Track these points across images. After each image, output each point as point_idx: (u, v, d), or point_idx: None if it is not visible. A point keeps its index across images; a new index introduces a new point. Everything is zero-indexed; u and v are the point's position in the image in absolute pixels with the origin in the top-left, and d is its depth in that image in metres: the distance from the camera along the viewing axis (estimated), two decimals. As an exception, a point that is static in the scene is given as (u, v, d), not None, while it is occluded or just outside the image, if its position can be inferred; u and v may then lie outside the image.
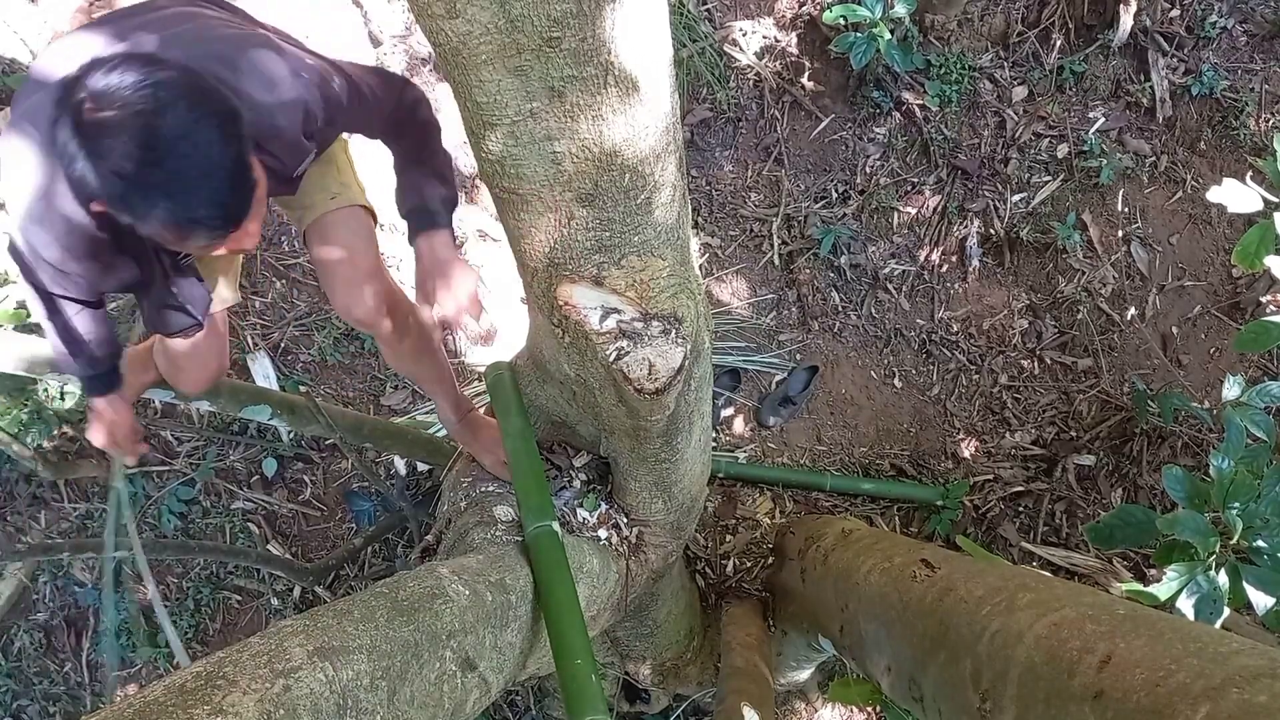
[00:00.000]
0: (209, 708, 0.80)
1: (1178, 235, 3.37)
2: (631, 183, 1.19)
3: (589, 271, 1.29)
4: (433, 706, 1.12)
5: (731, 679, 2.22)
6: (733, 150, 3.47)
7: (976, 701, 1.17)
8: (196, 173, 1.14)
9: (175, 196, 1.14)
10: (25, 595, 3.34)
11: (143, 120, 1.10)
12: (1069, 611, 1.12)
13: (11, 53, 3.22)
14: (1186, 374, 3.27)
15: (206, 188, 1.15)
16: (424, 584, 1.24)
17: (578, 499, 1.87)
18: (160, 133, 1.10)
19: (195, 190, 1.14)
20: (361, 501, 3.25)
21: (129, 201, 1.14)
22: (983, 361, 3.38)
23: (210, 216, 1.18)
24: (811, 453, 3.32)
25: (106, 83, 1.10)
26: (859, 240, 3.39)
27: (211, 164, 1.15)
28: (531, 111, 1.08)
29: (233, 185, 1.18)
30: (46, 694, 3.30)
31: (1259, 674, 0.84)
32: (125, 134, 1.10)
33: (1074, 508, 3.17)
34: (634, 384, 1.32)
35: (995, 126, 3.41)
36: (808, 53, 3.42)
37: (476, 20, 0.98)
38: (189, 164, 1.13)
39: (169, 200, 1.14)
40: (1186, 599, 1.69)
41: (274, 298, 3.30)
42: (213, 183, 1.15)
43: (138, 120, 1.09)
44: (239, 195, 1.20)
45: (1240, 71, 3.33)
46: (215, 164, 1.15)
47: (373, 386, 3.31)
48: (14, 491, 3.28)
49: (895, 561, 1.70)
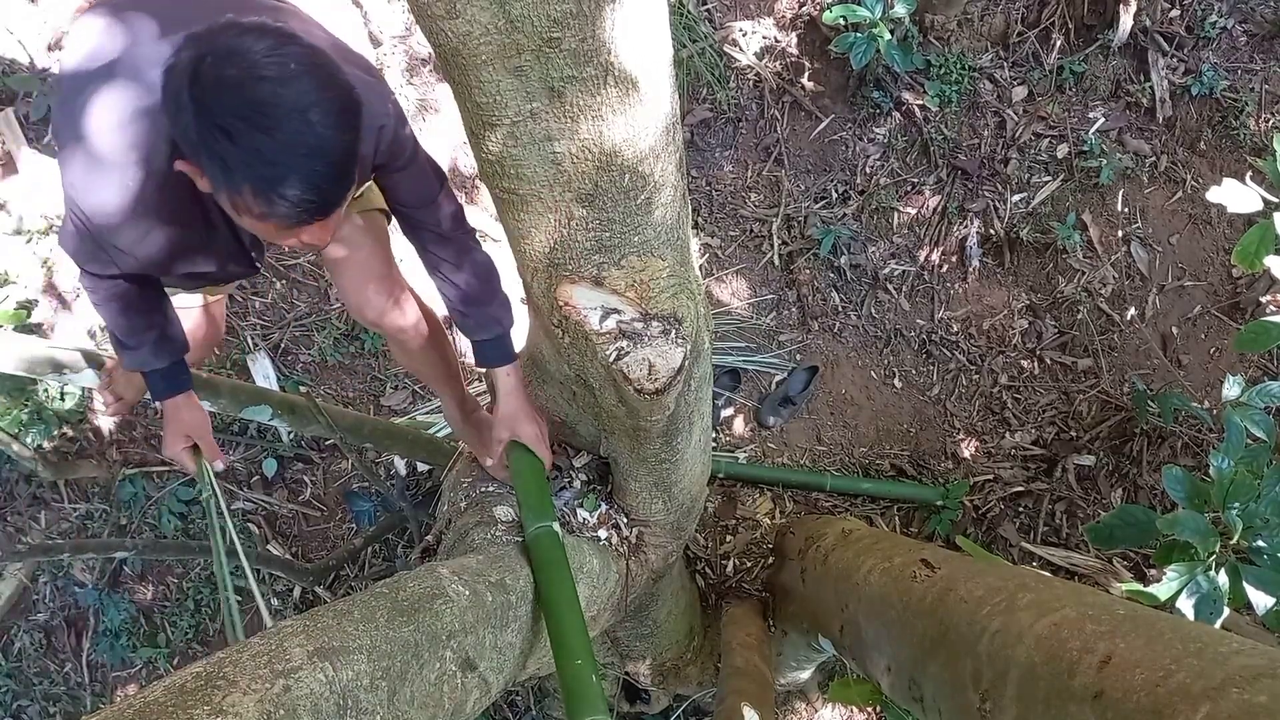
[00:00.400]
0: (209, 708, 0.80)
1: (1178, 235, 3.37)
2: (631, 183, 1.19)
3: (589, 272, 1.29)
4: (433, 707, 1.12)
5: (731, 679, 2.22)
6: (733, 150, 3.47)
7: (976, 701, 1.17)
8: (305, 150, 1.08)
9: (276, 168, 1.08)
10: (25, 595, 3.34)
11: (266, 86, 1.05)
12: (1069, 611, 1.12)
13: (11, 53, 3.22)
14: (1186, 374, 3.27)
15: (309, 168, 1.10)
16: (424, 584, 1.24)
17: (578, 499, 1.87)
18: (280, 101, 1.05)
19: (298, 168, 1.09)
20: (361, 502, 3.25)
21: (226, 163, 1.08)
22: (983, 361, 3.38)
23: (304, 199, 1.12)
24: (811, 453, 3.32)
25: (236, 44, 1.06)
26: (859, 240, 3.39)
27: (324, 147, 1.09)
28: (531, 112, 1.08)
29: (337, 174, 1.13)
30: (46, 694, 3.30)
31: (1259, 674, 0.84)
32: (243, 95, 1.05)
33: (1074, 508, 3.17)
34: (634, 384, 1.32)
35: (995, 126, 3.41)
36: (808, 53, 3.42)
37: (476, 21, 0.98)
38: (300, 140, 1.07)
39: (269, 169, 1.08)
40: (1186, 599, 1.69)
41: (274, 298, 3.30)
42: (317, 165, 1.10)
43: (260, 85, 1.05)
44: (339, 186, 1.15)
45: (1240, 71, 3.33)
46: (327, 148, 1.10)
47: (373, 386, 3.31)
48: (14, 491, 3.28)
49: (895, 561, 1.70)
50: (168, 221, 1.34)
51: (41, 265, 3.21)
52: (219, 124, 1.06)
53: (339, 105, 1.10)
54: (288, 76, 1.06)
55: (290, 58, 1.07)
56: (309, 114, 1.07)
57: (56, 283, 3.22)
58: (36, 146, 3.24)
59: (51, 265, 3.22)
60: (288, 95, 1.06)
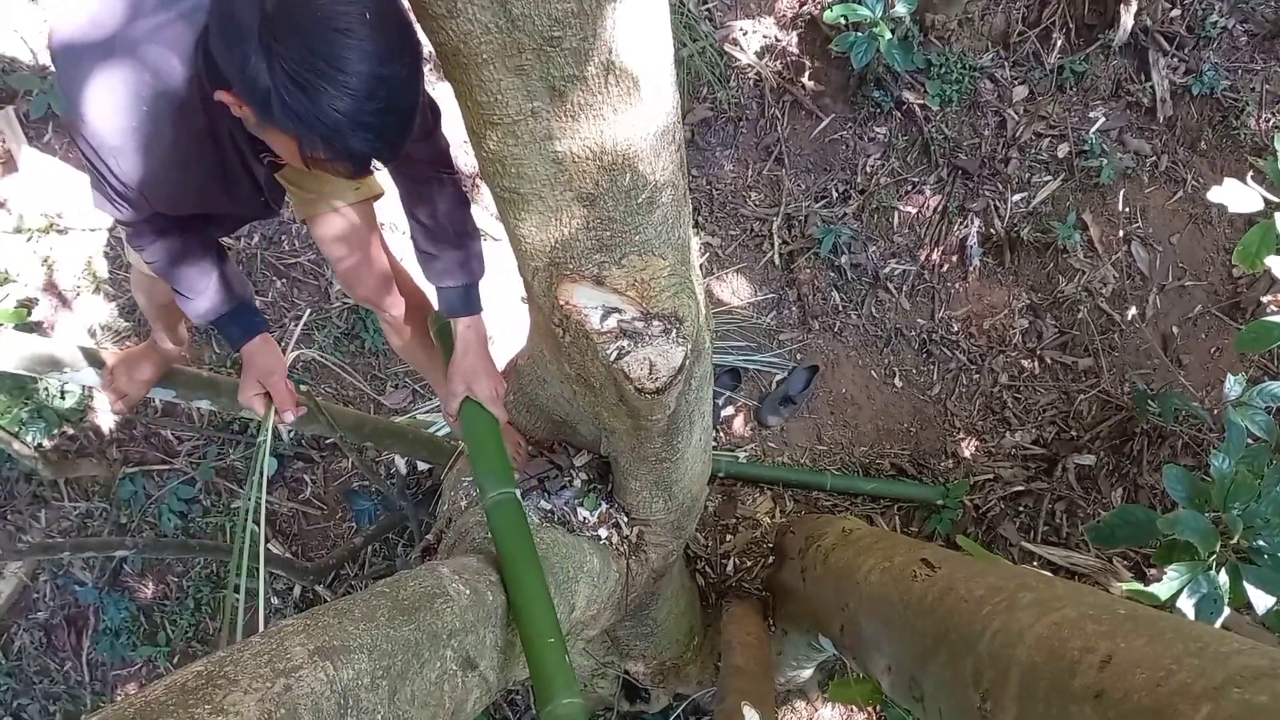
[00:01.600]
0: (210, 707, 0.80)
1: (1178, 235, 3.37)
2: (632, 182, 1.19)
3: (590, 271, 1.29)
4: (433, 706, 1.12)
5: (732, 678, 2.22)
6: (733, 150, 3.47)
7: (977, 701, 1.17)
8: (379, 106, 1.08)
9: (351, 122, 1.07)
10: (25, 594, 3.34)
11: (340, 39, 1.03)
12: (1070, 611, 1.12)
13: (12, 51, 3.22)
14: (1187, 374, 3.27)
15: (382, 124, 1.10)
16: (425, 583, 1.24)
17: (578, 498, 1.87)
18: (356, 55, 1.04)
19: (371, 125, 1.09)
20: (362, 501, 3.25)
21: (300, 116, 1.07)
22: (983, 361, 3.38)
23: (373, 150, 1.12)
24: (811, 452, 3.32)
25: None
26: (859, 240, 3.39)
27: (396, 103, 1.09)
28: (532, 111, 1.08)
29: (406, 126, 1.14)
30: (46, 693, 3.30)
31: (1260, 674, 0.84)
32: (317, 45, 1.03)
33: (1074, 507, 3.17)
34: (635, 383, 1.32)
35: (996, 126, 3.40)
36: (808, 52, 3.42)
37: (477, 20, 0.98)
38: (375, 94, 1.07)
39: (344, 124, 1.07)
40: (1187, 599, 1.69)
41: (274, 297, 3.30)
42: (389, 120, 1.10)
43: (334, 37, 1.03)
44: (406, 137, 1.15)
45: (1241, 71, 3.33)
46: (399, 104, 1.10)
47: (373, 386, 3.31)
48: (14, 490, 3.28)
49: (895, 561, 1.70)
50: (181, 154, 1.31)
51: (42, 263, 3.21)
52: (293, 76, 1.04)
53: (410, 58, 1.10)
54: (361, 27, 1.04)
55: (362, 4, 1.04)
56: (382, 69, 1.06)
57: (57, 281, 3.22)
58: (37, 145, 3.24)
59: (52, 263, 3.22)
60: (363, 49, 1.05)
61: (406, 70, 1.10)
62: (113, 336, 3.23)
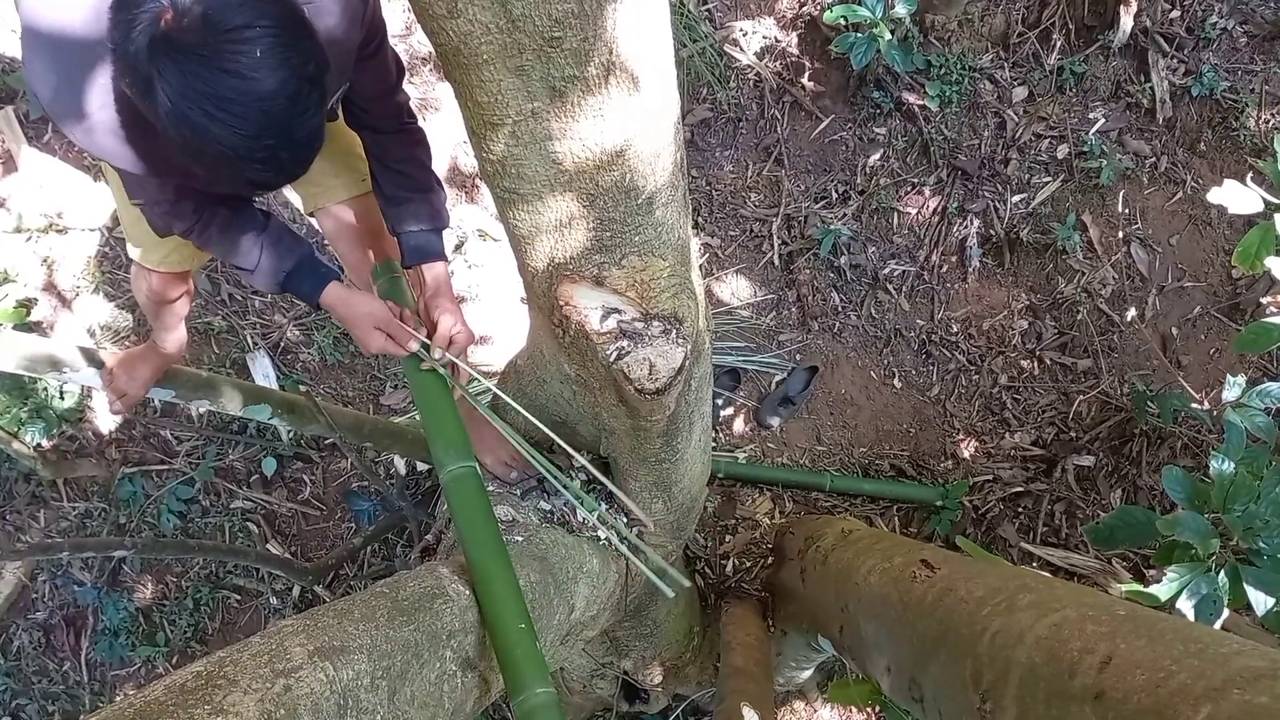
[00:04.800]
0: (210, 707, 0.80)
1: (1178, 236, 3.37)
2: (632, 183, 1.19)
3: (589, 271, 1.29)
4: (433, 706, 1.12)
5: (731, 679, 2.22)
6: (733, 150, 3.47)
7: (977, 702, 1.17)
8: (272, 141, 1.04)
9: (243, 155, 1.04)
10: (24, 594, 3.33)
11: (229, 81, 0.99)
12: (1069, 612, 1.12)
13: (12, 52, 3.21)
14: (1186, 375, 3.27)
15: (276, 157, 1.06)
16: (424, 584, 1.24)
17: (578, 498, 1.87)
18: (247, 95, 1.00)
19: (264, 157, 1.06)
20: (361, 501, 3.25)
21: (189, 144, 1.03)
22: (982, 362, 3.38)
23: (268, 180, 1.10)
24: (811, 453, 3.32)
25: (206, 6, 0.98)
26: (859, 240, 3.39)
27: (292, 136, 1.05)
28: (533, 111, 1.08)
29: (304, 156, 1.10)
30: (45, 693, 3.29)
31: (1260, 675, 0.84)
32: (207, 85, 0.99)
33: (1074, 508, 3.17)
34: (634, 384, 1.32)
35: (995, 127, 3.41)
36: (808, 53, 3.42)
37: (477, 20, 0.98)
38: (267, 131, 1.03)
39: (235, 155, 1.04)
40: (1187, 600, 1.69)
41: (274, 296, 3.29)
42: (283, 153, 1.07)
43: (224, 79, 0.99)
44: (305, 163, 1.12)
45: (1240, 72, 3.33)
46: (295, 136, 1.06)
47: (372, 386, 3.30)
48: (13, 490, 3.27)
49: (895, 562, 1.70)
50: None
51: (41, 263, 3.21)
52: (181, 111, 1.00)
53: (310, 86, 1.05)
54: (253, 66, 0.99)
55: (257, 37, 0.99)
56: (274, 105, 1.02)
57: (56, 281, 3.22)
58: (37, 145, 3.24)
59: (51, 263, 3.22)
60: (254, 88, 1.00)
61: (306, 100, 1.05)
62: (112, 336, 3.23)
